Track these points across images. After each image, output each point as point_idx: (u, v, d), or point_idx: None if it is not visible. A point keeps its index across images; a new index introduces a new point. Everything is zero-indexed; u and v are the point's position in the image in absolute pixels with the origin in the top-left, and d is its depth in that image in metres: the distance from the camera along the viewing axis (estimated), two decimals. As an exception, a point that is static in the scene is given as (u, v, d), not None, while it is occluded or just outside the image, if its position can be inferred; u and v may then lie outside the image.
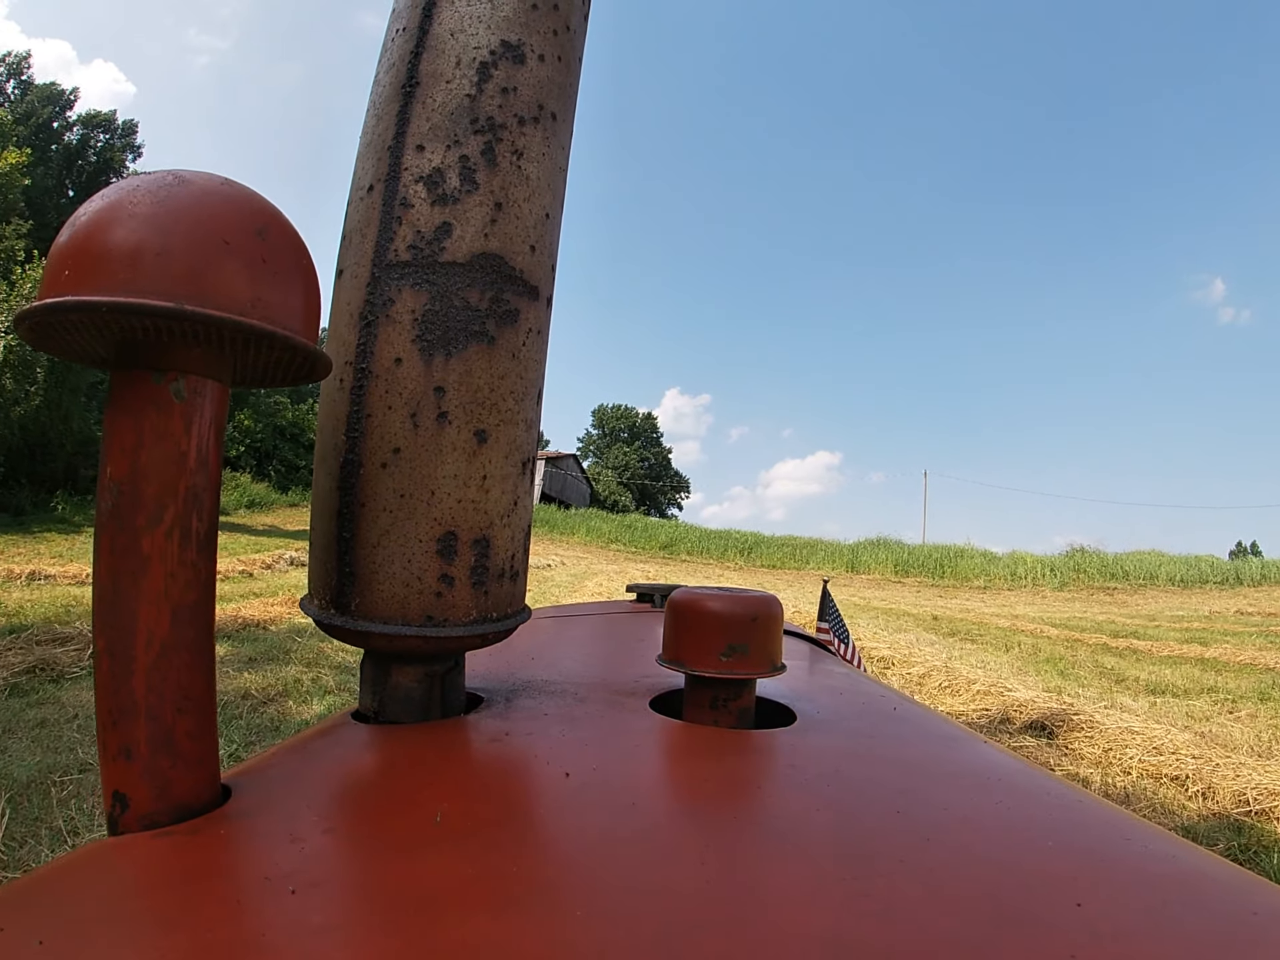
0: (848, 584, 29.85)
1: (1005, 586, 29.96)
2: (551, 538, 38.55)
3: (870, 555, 36.27)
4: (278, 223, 0.69)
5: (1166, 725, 5.94)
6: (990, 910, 0.53)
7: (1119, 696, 7.66)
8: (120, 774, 0.63)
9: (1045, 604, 23.73)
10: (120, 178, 16.76)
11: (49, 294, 0.60)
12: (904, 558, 35.08)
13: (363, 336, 0.94)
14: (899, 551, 36.48)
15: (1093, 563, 31.17)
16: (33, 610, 8.15)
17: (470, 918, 0.49)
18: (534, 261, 1.01)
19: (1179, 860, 0.67)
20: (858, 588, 28.39)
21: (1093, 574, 30.09)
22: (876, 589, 28.26)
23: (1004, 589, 29.48)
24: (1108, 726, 5.78)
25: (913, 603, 21.01)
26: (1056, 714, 6.22)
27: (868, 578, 33.27)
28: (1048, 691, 7.41)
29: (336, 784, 0.76)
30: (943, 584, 31.08)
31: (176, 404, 0.65)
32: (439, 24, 0.99)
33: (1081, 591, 28.31)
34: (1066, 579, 29.85)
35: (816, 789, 0.77)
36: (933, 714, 1.24)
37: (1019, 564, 32.31)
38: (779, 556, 38.30)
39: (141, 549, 0.63)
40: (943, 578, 32.32)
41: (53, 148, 33.30)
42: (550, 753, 0.85)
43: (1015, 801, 0.80)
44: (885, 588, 29.19)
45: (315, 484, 0.99)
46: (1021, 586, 29.78)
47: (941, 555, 34.69)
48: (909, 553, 35.96)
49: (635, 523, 46.01)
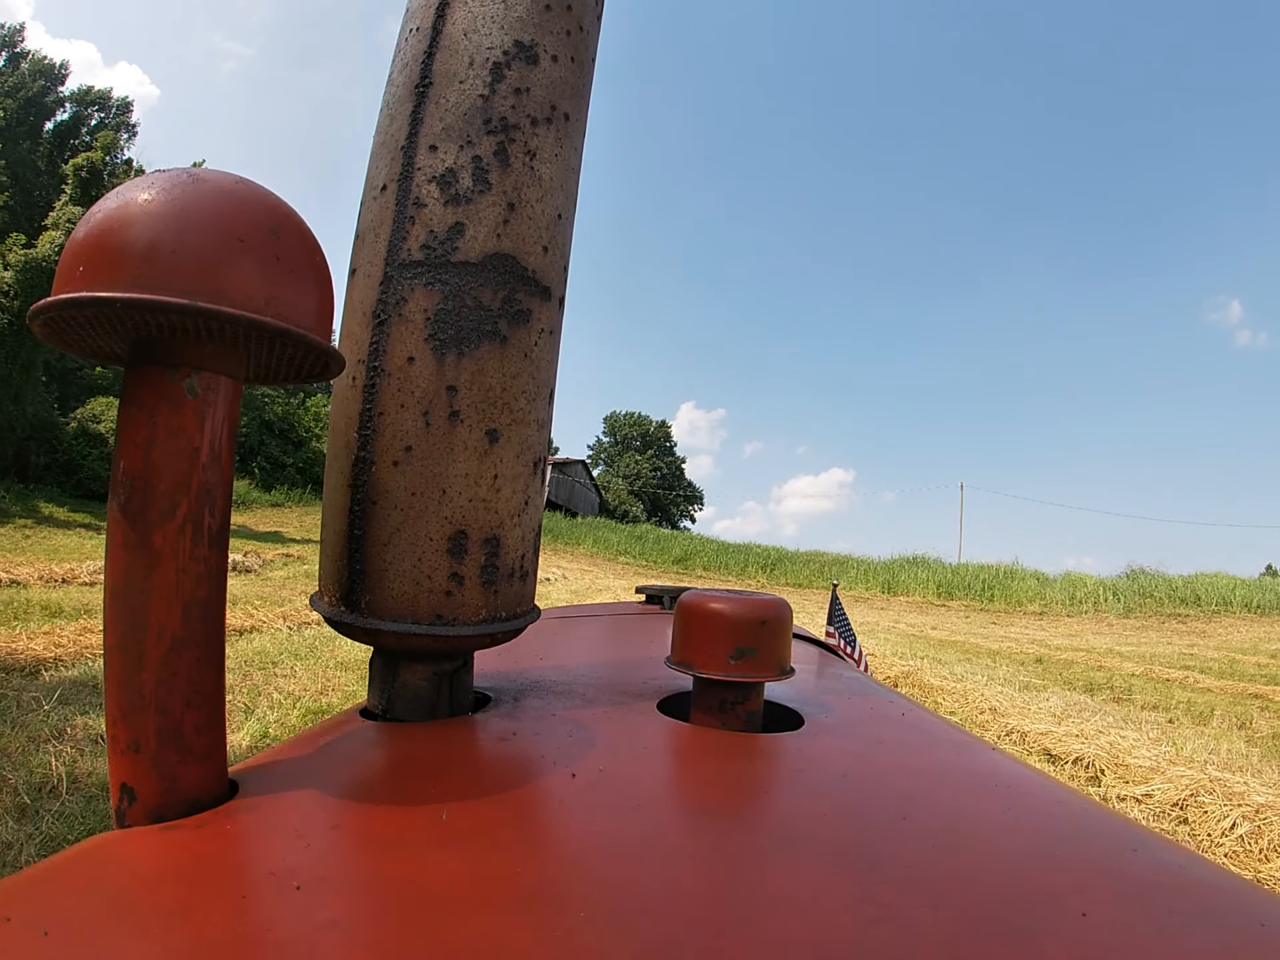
0: (885, 607, 27.29)
1: (1064, 611, 26.57)
2: (555, 548, 35.78)
3: (908, 575, 32.36)
4: (291, 221, 0.69)
5: None
6: (996, 919, 0.52)
7: None
8: (128, 767, 0.64)
9: (1121, 634, 21.05)
10: (114, 159, 16.55)
11: (63, 290, 0.61)
12: (946, 578, 31.27)
13: (375, 335, 0.94)
14: (940, 571, 32.64)
15: (1158, 586, 27.49)
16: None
17: (475, 917, 0.49)
18: (546, 262, 1.01)
19: (1186, 871, 0.66)
20: (899, 611, 25.67)
21: (1160, 598, 26.55)
22: (920, 613, 25.28)
23: (1062, 614, 26.19)
24: None
25: (971, 631, 18.66)
26: None
27: (907, 600, 29.82)
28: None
29: (343, 781, 0.76)
30: (992, 608, 27.66)
31: (190, 400, 0.66)
32: (452, 24, 0.99)
33: (1149, 618, 24.93)
34: (1131, 604, 26.45)
35: (823, 793, 0.76)
36: (941, 720, 1.23)
37: (1076, 586, 28.56)
38: (805, 574, 34.94)
39: (154, 544, 0.64)
40: (991, 601, 28.70)
41: (46, 127, 31.91)
42: (557, 753, 0.85)
43: (1023, 809, 0.79)
44: (929, 612, 26.22)
45: (326, 482, 1.00)
46: (1081, 612, 26.33)
47: (989, 576, 30.77)
48: (951, 572, 32.17)
49: (647, 533, 42.88)
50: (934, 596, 30.01)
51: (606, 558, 36.09)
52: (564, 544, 37.38)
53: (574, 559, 33.45)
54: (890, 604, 28.42)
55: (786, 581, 33.85)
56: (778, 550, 39.74)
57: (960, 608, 27.85)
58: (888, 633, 16.36)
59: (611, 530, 41.87)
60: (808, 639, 2.57)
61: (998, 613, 26.68)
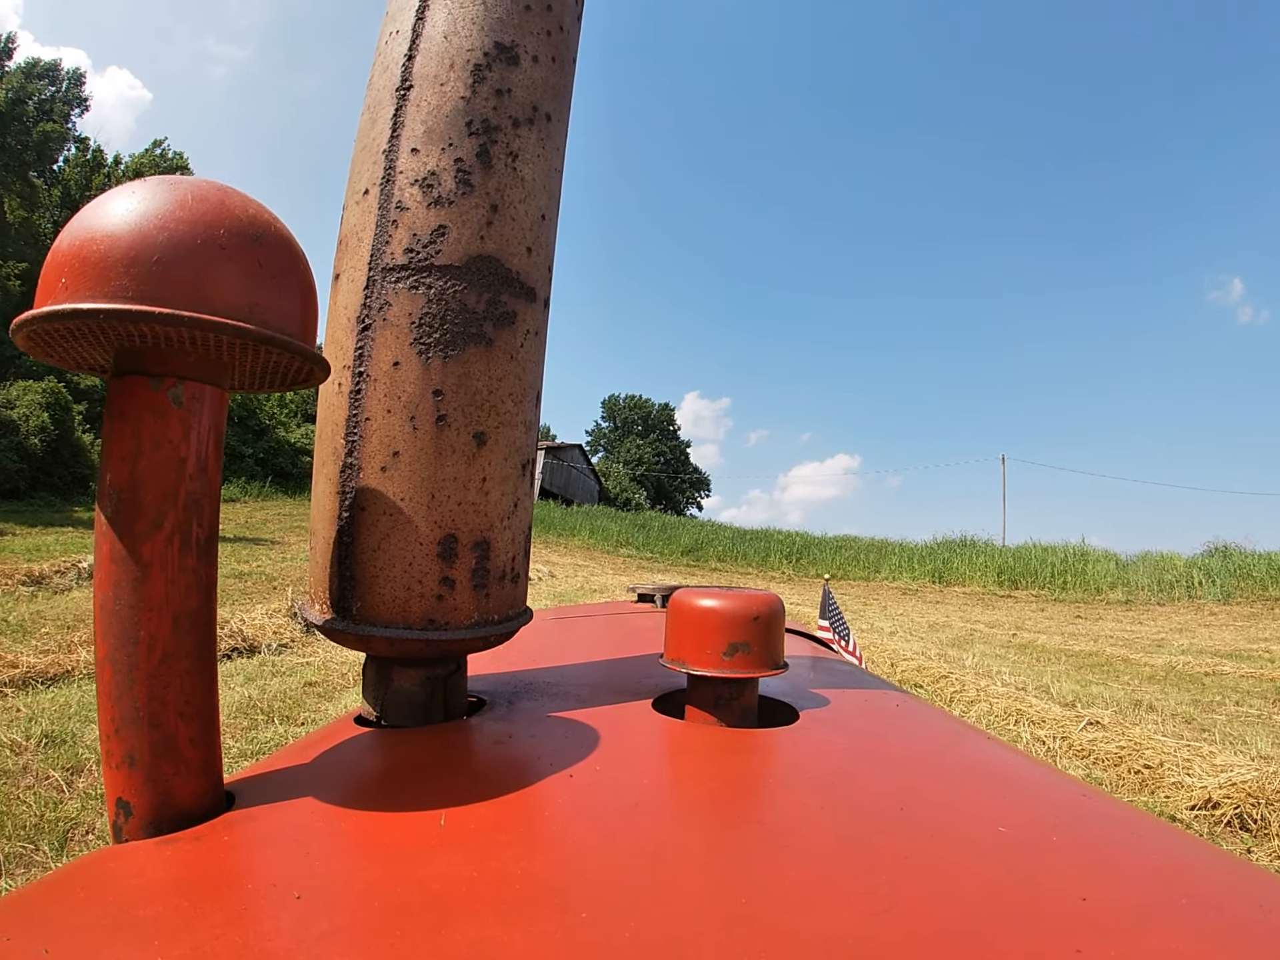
0: (940, 599, 22.35)
1: (1152, 599, 21.74)
2: (546, 540, 30.85)
3: (962, 560, 26.99)
4: (273, 228, 0.69)
5: None
6: (995, 906, 0.53)
7: None
8: (124, 781, 0.63)
9: (1235, 625, 16.30)
10: (63, 133, 16.17)
11: (45, 302, 0.60)
12: (1006, 563, 25.97)
13: (360, 340, 0.94)
14: (997, 555, 27.15)
15: (1256, 564, 22.05)
16: None
17: (476, 921, 0.49)
18: (531, 263, 1.01)
19: (1184, 854, 0.67)
20: (958, 604, 20.87)
21: (1261, 578, 21.24)
22: (984, 606, 20.73)
23: (1151, 602, 21.44)
24: None
25: (1061, 630, 14.61)
26: None
27: (963, 590, 24.67)
28: None
29: (340, 789, 0.76)
30: (1067, 597, 22.71)
31: (175, 410, 0.65)
32: (432, 26, 0.99)
33: (1254, 603, 20.12)
34: (1229, 587, 21.47)
35: (820, 787, 0.77)
36: (936, 710, 1.24)
37: (1164, 569, 23.32)
38: (838, 563, 29.42)
39: (142, 556, 0.63)
40: (1064, 589, 23.58)
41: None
42: (553, 754, 0.85)
43: (1019, 797, 0.80)
44: (995, 604, 21.53)
45: (314, 488, 0.99)
46: (1172, 599, 21.54)
47: (1057, 559, 25.47)
48: (1011, 556, 26.71)
49: (651, 521, 37.11)
50: (995, 585, 25.05)
51: (605, 550, 31.16)
52: (557, 535, 32.39)
53: (567, 552, 28.67)
54: (945, 596, 23.57)
55: (817, 573, 28.41)
56: (803, 536, 33.94)
57: (1029, 598, 23.12)
58: (971, 638, 12.44)
59: (611, 519, 36.72)
60: (801, 634, 2.58)
61: (1075, 603, 21.92)
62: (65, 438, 20.82)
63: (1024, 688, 7.57)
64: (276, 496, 26.74)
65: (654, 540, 32.85)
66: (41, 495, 19.46)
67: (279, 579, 11.76)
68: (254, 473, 28.54)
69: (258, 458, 29.45)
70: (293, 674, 6.37)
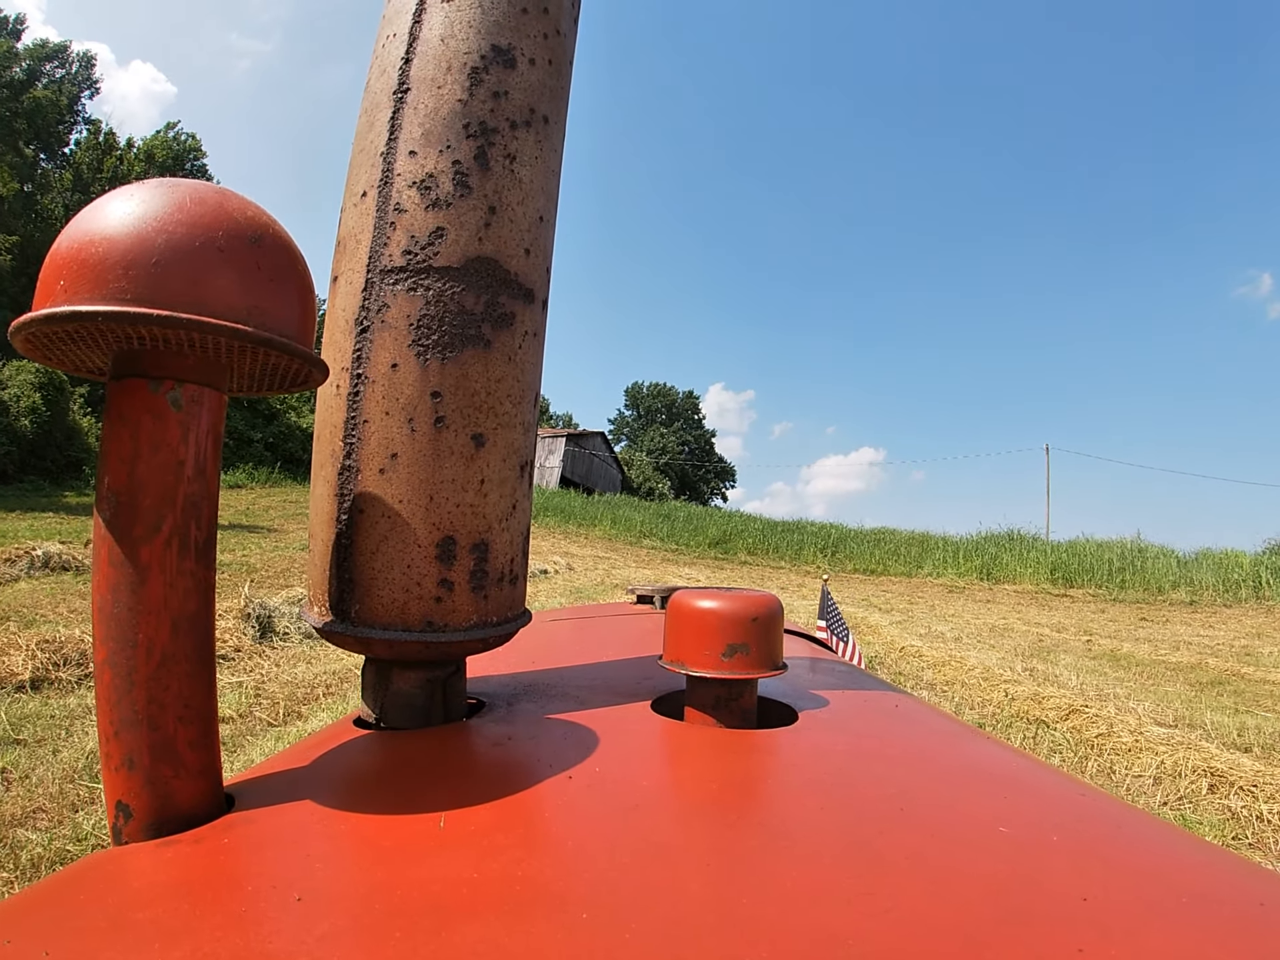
0: (990, 598, 20.47)
1: (1219, 600, 19.81)
2: (565, 530, 28.64)
3: (1011, 555, 25.12)
4: (272, 231, 0.69)
5: None
6: (996, 907, 0.53)
7: None
8: (123, 784, 0.63)
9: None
10: (74, 117, 15.90)
11: (44, 305, 0.60)
12: (1060, 559, 23.92)
13: (359, 342, 0.94)
14: (1049, 551, 25.18)
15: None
16: None
17: (476, 922, 0.49)
18: (529, 264, 1.01)
19: (1185, 852, 0.67)
20: (1012, 604, 19.12)
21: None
22: (1040, 607, 18.89)
23: (1218, 604, 19.50)
24: None
25: (1132, 635, 13.08)
26: None
27: (1014, 588, 22.75)
28: None
29: (339, 791, 0.76)
30: (1126, 597, 20.89)
31: (174, 413, 0.65)
32: (429, 29, 0.99)
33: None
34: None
35: (820, 788, 0.77)
36: (935, 711, 1.24)
37: (1228, 567, 21.42)
38: (877, 558, 27.43)
39: (140, 559, 0.63)
40: (1123, 588, 21.66)
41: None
42: (553, 756, 0.85)
43: (1019, 796, 0.80)
44: (1051, 604, 19.66)
45: (313, 491, 0.99)
46: (1239, 599, 19.72)
47: (1114, 555, 23.48)
48: (1065, 552, 24.68)
49: (676, 511, 34.96)
50: (1048, 583, 23.01)
51: (628, 541, 29.04)
52: (576, 524, 30.09)
53: (588, 543, 26.61)
54: (995, 594, 21.63)
55: (855, 568, 26.81)
56: (838, 529, 31.83)
57: (1085, 598, 21.06)
58: (1048, 647, 10.98)
59: (634, 508, 34.62)
60: (799, 634, 2.59)
61: (1136, 603, 20.14)
62: (59, 420, 19.94)
63: (1172, 723, 5.97)
64: (285, 483, 25.51)
65: (679, 531, 30.82)
66: (30, 479, 18.60)
67: (262, 569, 11.15)
68: (262, 458, 27.35)
69: (267, 443, 28.23)
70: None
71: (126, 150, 33.48)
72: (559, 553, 20.14)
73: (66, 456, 20.18)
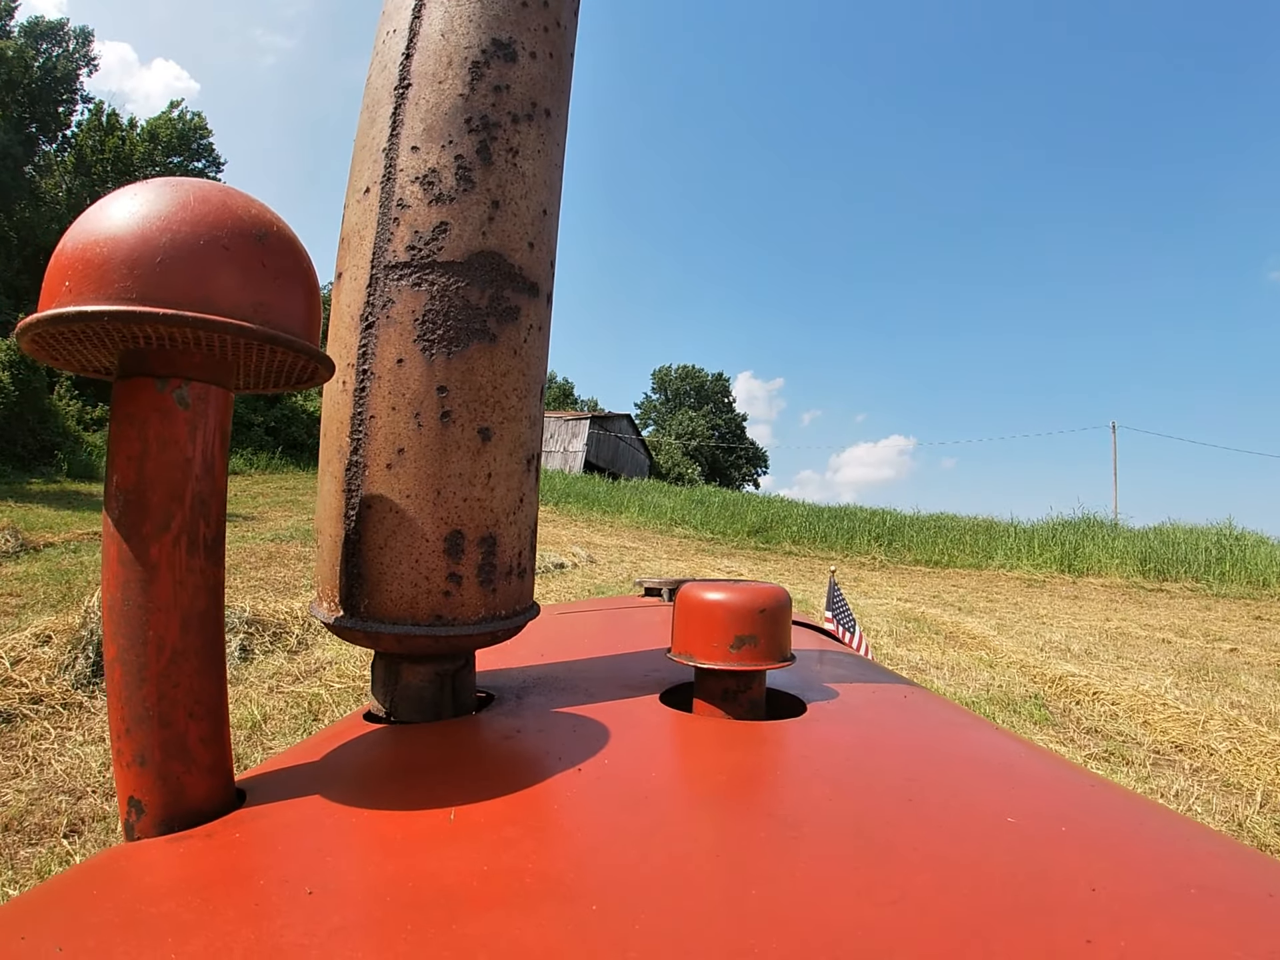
0: (1077, 594, 17.65)
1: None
2: (588, 518, 25.98)
3: (1096, 545, 21.70)
4: (276, 228, 0.69)
5: None
6: (1005, 897, 0.53)
7: None
8: (135, 780, 0.64)
9: None
10: (70, 94, 15.84)
11: (50, 305, 0.60)
12: (1150, 547, 20.89)
13: (364, 338, 0.94)
14: (1138, 540, 21.84)
15: None
16: None
17: (488, 915, 0.49)
18: (533, 258, 1.01)
19: (1193, 843, 0.67)
20: (1106, 602, 16.39)
21: None
22: (1138, 605, 16.07)
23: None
24: None
25: (1264, 640, 10.83)
26: None
27: (1101, 581, 19.67)
28: None
29: (350, 785, 0.76)
30: (1231, 592, 17.89)
31: (181, 411, 0.65)
32: (429, 24, 0.99)
33: None
34: None
35: (829, 779, 0.77)
36: (943, 701, 1.23)
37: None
38: (940, 547, 24.13)
39: (150, 557, 0.64)
40: (1223, 581, 18.80)
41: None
42: (562, 749, 0.85)
43: (1027, 787, 0.80)
44: (1152, 601, 16.73)
45: (320, 487, 1.00)
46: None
47: (1210, 543, 20.54)
48: (1155, 539, 21.70)
49: (710, 497, 31.09)
50: (1140, 576, 19.90)
51: (657, 530, 26.24)
52: (601, 512, 27.36)
53: (613, 532, 23.89)
54: (1080, 589, 18.77)
55: (915, 559, 23.99)
56: (893, 515, 28.08)
57: (1183, 592, 18.28)
58: (1194, 663, 8.65)
59: (664, 493, 31.54)
60: (807, 625, 2.58)
61: (1239, 599, 17.27)
62: (30, 400, 18.22)
63: None
64: (286, 469, 23.88)
65: (714, 519, 27.86)
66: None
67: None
68: (262, 443, 25.43)
69: (268, 426, 26.26)
70: (43, 766, 3.70)
71: (130, 130, 33.12)
72: (580, 543, 18.14)
73: (40, 440, 18.48)
